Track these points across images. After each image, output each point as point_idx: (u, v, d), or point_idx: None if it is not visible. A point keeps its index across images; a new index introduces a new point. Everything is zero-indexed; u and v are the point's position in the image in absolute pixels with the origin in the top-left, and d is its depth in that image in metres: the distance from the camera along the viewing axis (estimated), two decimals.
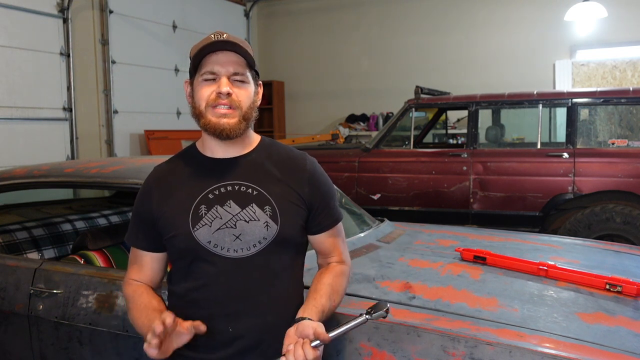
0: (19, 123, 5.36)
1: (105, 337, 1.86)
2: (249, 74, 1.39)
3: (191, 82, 1.42)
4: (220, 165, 1.42)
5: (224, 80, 1.35)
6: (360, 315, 1.26)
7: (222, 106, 1.35)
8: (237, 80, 1.37)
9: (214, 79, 1.36)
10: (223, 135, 1.36)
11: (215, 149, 1.42)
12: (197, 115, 1.38)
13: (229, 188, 1.38)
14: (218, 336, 1.34)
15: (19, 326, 2.05)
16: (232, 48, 1.35)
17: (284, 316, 1.35)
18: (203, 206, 1.36)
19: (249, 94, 1.39)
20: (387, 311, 1.27)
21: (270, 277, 1.37)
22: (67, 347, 1.95)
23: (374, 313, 1.26)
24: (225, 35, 1.37)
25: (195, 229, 1.35)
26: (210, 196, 1.37)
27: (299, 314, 1.31)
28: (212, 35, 1.37)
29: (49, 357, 2.00)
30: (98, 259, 2.26)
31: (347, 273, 1.49)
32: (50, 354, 1.99)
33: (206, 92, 1.36)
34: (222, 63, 1.35)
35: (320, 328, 1.23)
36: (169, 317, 1.21)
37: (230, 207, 1.36)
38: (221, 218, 1.35)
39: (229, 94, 1.34)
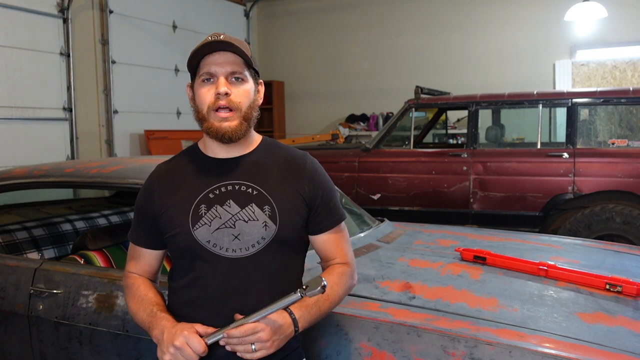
0: (19, 123, 5.36)
1: (105, 337, 1.86)
2: (247, 73, 1.39)
3: (192, 85, 1.43)
4: (221, 165, 1.42)
5: (222, 80, 1.35)
6: (295, 292, 1.24)
7: (223, 110, 1.35)
8: (235, 80, 1.37)
9: (212, 81, 1.37)
10: (225, 138, 1.37)
11: (217, 150, 1.43)
12: (200, 119, 1.39)
13: (229, 188, 1.38)
14: None
15: (19, 326, 2.05)
16: (228, 48, 1.35)
17: None
18: (203, 205, 1.37)
19: (248, 94, 1.39)
20: (323, 287, 1.22)
21: (269, 277, 1.37)
22: (67, 347, 1.95)
23: (309, 290, 1.22)
24: (222, 36, 1.37)
25: (194, 228, 1.35)
26: (211, 196, 1.38)
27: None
28: (209, 37, 1.37)
29: (49, 357, 2.00)
30: (98, 259, 2.25)
31: (349, 273, 1.46)
32: (50, 354, 1.99)
33: (206, 96, 1.36)
34: (219, 63, 1.35)
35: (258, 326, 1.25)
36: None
37: (229, 207, 1.36)
38: (220, 218, 1.35)
39: (227, 94, 1.35)
